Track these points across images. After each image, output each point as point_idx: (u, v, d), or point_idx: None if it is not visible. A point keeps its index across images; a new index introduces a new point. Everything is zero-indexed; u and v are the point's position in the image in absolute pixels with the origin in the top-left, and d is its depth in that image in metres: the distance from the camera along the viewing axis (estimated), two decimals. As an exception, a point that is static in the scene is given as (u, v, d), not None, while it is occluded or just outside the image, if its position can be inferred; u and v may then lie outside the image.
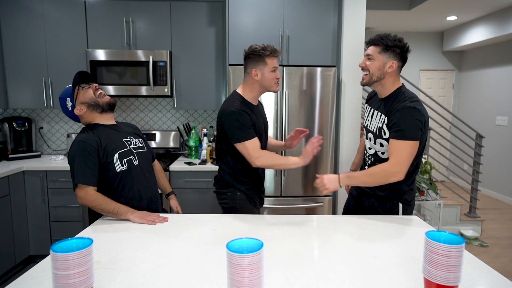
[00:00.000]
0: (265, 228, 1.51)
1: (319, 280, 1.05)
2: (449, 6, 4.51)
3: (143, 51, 3.02)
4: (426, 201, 3.43)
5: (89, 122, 1.71)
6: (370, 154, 1.74)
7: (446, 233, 0.90)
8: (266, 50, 1.74)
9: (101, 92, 1.70)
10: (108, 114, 1.73)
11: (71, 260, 0.79)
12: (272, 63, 1.77)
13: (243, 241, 0.86)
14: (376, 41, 1.60)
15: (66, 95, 1.69)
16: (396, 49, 1.58)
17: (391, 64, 1.58)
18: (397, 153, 1.53)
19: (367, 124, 1.75)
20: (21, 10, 3.00)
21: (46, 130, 3.48)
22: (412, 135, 1.51)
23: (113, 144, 1.65)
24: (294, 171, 2.86)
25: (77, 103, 1.67)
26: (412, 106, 1.52)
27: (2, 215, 2.66)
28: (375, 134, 1.66)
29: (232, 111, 1.73)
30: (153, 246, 1.30)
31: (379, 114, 1.65)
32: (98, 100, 1.67)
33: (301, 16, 2.83)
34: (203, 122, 3.55)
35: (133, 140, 1.76)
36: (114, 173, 1.63)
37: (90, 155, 1.57)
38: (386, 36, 1.59)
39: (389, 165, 1.56)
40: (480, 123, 5.62)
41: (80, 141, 1.59)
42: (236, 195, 1.87)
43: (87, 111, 1.68)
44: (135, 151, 1.73)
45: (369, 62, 1.61)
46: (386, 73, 1.60)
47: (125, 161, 1.66)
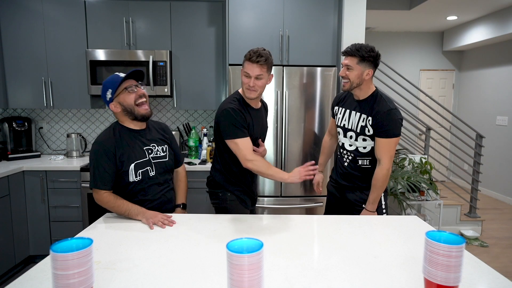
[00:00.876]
0: (265, 228, 1.51)
1: (319, 280, 1.05)
2: (449, 6, 4.51)
3: (143, 51, 3.02)
4: (426, 201, 3.43)
5: (119, 120, 1.69)
6: (350, 150, 1.92)
7: (446, 233, 0.90)
8: (248, 53, 1.72)
9: (142, 101, 1.64)
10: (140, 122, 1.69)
11: (71, 260, 0.79)
12: (246, 67, 1.73)
13: (243, 241, 0.86)
14: (353, 53, 1.77)
15: (109, 85, 1.61)
16: (370, 58, 1.76)
17: (368, 72, 1.78)
18: (385, 150, 1.78)
19: (344, 123, 1.93)
20: (20, 10, 3.00)
21: (46, 130, 3.48)
22: (397, 132, 1.79)
23: (132, 153, 1.63)
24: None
25: (116, 100, 1.62)
26: (393, 108, 1.78)
27: (2, 215, 2.66)
28: (357, 132, 1.85)
29: (228, 108, 1.74)
30: (153, 246, 1.30)
31: (359, 114, 1.85)
32: (135, 109, 1.62)
33: (301, 16, 2.83)
34: (203, 122, 3.55)
35: (156, 148, 1.72)
36: (126, 182, 1.63)
37: (107, 159, 1.58)
38: (361, 48, 1.76)
39: (383, 166, 1.79)
40: (480, 123, 5.62)
41: (100, 143, 1.60)
42: (226, 195, 1.88)
43: (120, 112, 1.64)
44: (153, 161, 1.69)
45: (349, 71, 1.79)
46: (364, 80, 1.79)
47: (140, 172, 1.65)
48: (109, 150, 1.59)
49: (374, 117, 1.78)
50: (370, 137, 1.82)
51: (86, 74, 3.05)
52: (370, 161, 1.87)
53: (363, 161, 1.88)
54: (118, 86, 1.60)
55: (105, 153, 1.58)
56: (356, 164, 1.90)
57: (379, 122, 1.76)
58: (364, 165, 1.89)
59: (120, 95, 1.61)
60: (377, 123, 1.77)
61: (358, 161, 1.89)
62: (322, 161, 2.25)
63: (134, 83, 1.65)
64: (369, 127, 1.81)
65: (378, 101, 1.81)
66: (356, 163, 1.90)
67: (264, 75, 1.73)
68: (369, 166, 1.87)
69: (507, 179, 5.20)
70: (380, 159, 1.80)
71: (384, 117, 1.75)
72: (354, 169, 1.91)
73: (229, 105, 1.75)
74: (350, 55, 1.78)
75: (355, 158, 1.90)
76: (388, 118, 1.75)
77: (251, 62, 1.71)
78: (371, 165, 1.87)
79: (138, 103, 1.63)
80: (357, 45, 1.78)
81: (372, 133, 1.81)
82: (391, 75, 5.08)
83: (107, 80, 1.64)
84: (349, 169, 1.93)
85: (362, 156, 1.88)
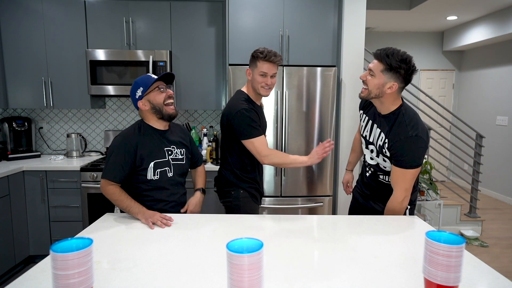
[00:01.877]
0: (265, 228, 1.51)
1: (319, 280, 1.05)
2: (449, 6, 4.51)
3: (143, 51, 3.02)
4: (426, 201, 3.43)
5: (144, 118, 1.74)
6: (371, 164, 1.73)
7: (446, 233, 0.90)
8: (262, 53, 1.79)
9: (170, 101, 1.72)
10: (165, 121, 1.75)
11: (71, 260, 0.79)
12: (262, 67, 1.79)
13: (243, 241, 0.86)
14: (380, 58, 1.51)
15: (141, 83, 1.68)
16: (401, 70, 1.49)
17: (391, 85, 1.51)
18: (400, 181, 1.56)
19: (366, 135, 1.72)
20: (20, 10, 3.00)
21: (46, 130, 3.48)
22: (416, 163, 1.52)
23: (153, 152, 1.68)
24: (294, 171, 2.86)
25: (146, 98, 1.68)
26: (415, 135, 1.49)
27: (2, 215, 2.66)
28: (377, 150, 1.64)
29: (242, 109, 1.77)
30: (153, 246, 1.30)
31: (379, 130, 1.62)
32: (163, 108, 1.69)
33: (301, 16, 2.82)
34: (203, 122, 3.55)
35: (175, 150, 1.77)
36: (144, 179, 1.68)
37: (126, 154, 1.63)
38: (392, 54, 1.48)
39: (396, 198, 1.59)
40: (480, 123, 5.62)
41: (123, 137, 1.66)
42: (239, 193, 1.92)
43: (149, 110, 1.70)
44: (172, 163, 1.74)
45: (370, 77, 1.55)
46: (385, 93, 1.54)
47: (159, 171, 1.69)
48: (130, 146, 1.64)
49: (391, 141, 1.54)
50: (388, 158, 1.60)
51: (86, 74, 3.05)
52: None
53: (385, 177, 1.68)
54: (150, 85, 1.66)
55: (125, 148, 1.63)
56: (377, 179, 1.72)
57: (394, 149, 1.53)
58: (386, 181, 1.69)
59: (150, 93, 1.68)
60: (392, 149, 1.54)
61: (379, 176, 1.71)
62: (352, 159, 2.09)
63: (164, 84, 1.74)
64: (385, 149, 1.58)
65: (399, 122, 1.54)
66: (377, 178, 1.72)
67: (276, 73, 1.85)
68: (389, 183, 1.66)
69: (507, 179, 5.20)
70: (394, 188, 1.61)
71: (400, 144, 1.50)
72: (375, 182, 1.74)
73: (241, 106, 1.78)
74: (378, 59, 1.52)
75: (375, 172, 1.71)
76: (407, 146, 1.50)
77: (270, 62, 1.78)
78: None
79: (167, 103, 1.71)
80: (389, 49, 1.50)
81: (389, 155, 1.58)
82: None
83: (139, 78, 1.71)
84: (370, 181, 1.76)
85: (383, 173, 1.68)
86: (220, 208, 2.09)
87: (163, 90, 1.70)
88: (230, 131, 1.84)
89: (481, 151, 4.09)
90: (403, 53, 1.50)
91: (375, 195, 1.76)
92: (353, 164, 2.11)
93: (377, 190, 1.75)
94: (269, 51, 1.78)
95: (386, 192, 1.68)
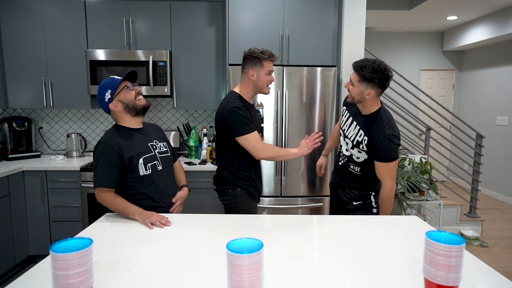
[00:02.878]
0: (265, 228, 1.51)
1: (319, 280, 1.05)
2: (449, 6, 4.51)
3: (143, 51, 3.02)
4: (426, 201, 3.43)
5: (118, 120, 1.74)
6: (346, 155, 1.95)
7: (446, 233, 0.90)
8: (265, 54, 1.87)
9: (141, 97, 1.74)
10: (139, 118, 1.76)
11: (71, 260, 0.79)
12: (269, 67, 1.90)
13: (243, 241, 0.86)
14: (356, 69, 1.73)
15: (108, 87, 1.68)
16: (374, 79, 1.69)
17: (369, 92, 1.73)
18: (386, 173, 1.80)
19: (344, 129, 1.95)
20: (20, 10, 3.00)
21: (45, 130, 3.48)
22: (394, 156, 1.77)
23: (139, 148, 1.70)
24: (294, 171, 2.86)
25: (116, 99, 1.68)
26: (391, 133, 1.74)
27: (2, 215, 2.66)
28: (353, 144, 1.87)
29: (233, 107, 1.82)
30: (153, 246, 1.30)
31: (358, 128, 1.85)
32: (136, 103, 1.70)
33: (301, 16, 2.83)
34: (203, 122, 3.55)
35: (158, 144, 1.80)
36: (137, 176, 1.68)
37: (112, 159, 1.62)
38: (365, 67, 1.69)
39: (386, 188, 1.81)
40: (480, 123, 5.62)
41: (104, 144, 1.65)
42: (236, 191, 1.95)
43: (121, 111, 1.70)
44: (159, 156, 1.77)
45: (351, 87, 1.78)
46: (365, 99, 1.76)
47: (149, 166, 1.71)
48: (114, 150, 1.63)
49: (370, 140, 1.78)
50: (364, 151, 1.84)
51: (86, 74, 3.05)
52: (361, 169, 1.90)
53: (354, 167, 1.92)
54: (117, 86, 1.67)
55: (110, 153, 1.62)
56: (348, 168, 1.96)
57: (374, 147, 1.76)
58: (354, 171, 1.93)
59: (120, 93, 1.68)
60: (372, 146, 1.77)
61: (350, 166, 1.94)
62: (329, 146, 2.31)
63: (130, 83, 1.74)
64: (363, 145, 1.82)
65: (377, 123, 1.77)
66: (348, 167, 1.96)
67: None
68: (359, 174, 1.92)
69: (507, 179, 5.20)
70: (382, 180, 1.83)
71: (380, 142, 1.74)
72: (345, 171, 1.98)
73: (233, 104, 1.83)
74: (354, 70, 1.75)
75: (347, 162, 1.95)
76: (384, 144, 1.74)
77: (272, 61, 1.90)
78: (361, 173, 1.91)
79: (138, 98, 1.72)
80: (363, 62, 1.71)
81: (365, 150, 1.82)
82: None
83: (104, 82, 1.71)
84: (342, 170, 2.00)
85: (354, 164, 1.91)
86: (220, 208, 2.09)
87: (132, 88, 1.71)
88: (224, 130, 1.88)
89: (481, 151, 4.09)
90: (376, 64, 1.69)
91: (345, 182, 1.99)
92: (329, 150, 2.33)
93: (346, 179, 1.98)
94: (268, 50, 1.89)
95: (354, 180, 1.94)
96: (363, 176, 1.91)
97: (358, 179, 1.93)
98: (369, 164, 1.85)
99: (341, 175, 2.01)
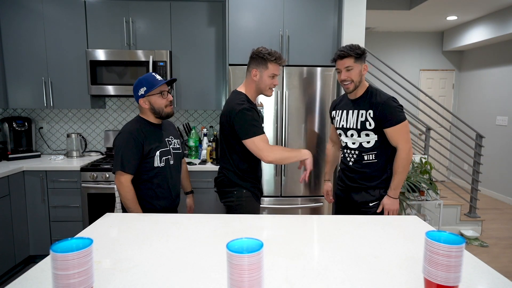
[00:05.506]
0: (265, 228, 1.51)
1: (319, 280, 1.05)
2: (449, 6, 4.51)
3: (143, 51, 3.02)
4: (426, 201, 3.43)
5: (142, 113, 1.87)
6: (353, 148, 1.95)
7: (446, 233, 0.90)
8: (272, 55, 1.84)
9: (170, 105, 1.86)
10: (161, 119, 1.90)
11: (71, 260, 0.79)
12: (273, 70, 1.86)
13: (243, 241, 0.86)
14: (349, 53, 1.83)
15: (145, 83, 1.77)
16: (363, 54, 1.85)
17: (364, 67, 1.88)
18: (399, 136, 1.83)
19: (343, 124, 1.98)
20: (21, 10, 3.00)
21: (46, 130, 3.48)
22: (402, 117, 1.83)
23: (157, 141, 1.84)
24: (294, 171, 2.86)
25: (147, 98, 1.80)
26: (390, 97, 1.84)
27: (2, 215, 2.66)
28: (358, 129, 1.90)
29: (243, 108, 1.78)
30: (153, 246, 1.30)
31: (356, 111, 1.90)
32: (163, 110, 1.83)
33: (301, 16, 2.83)
34: (203, 122, 3.55)
35: (173, 140, 1.95)
36: (151, 167, 1.82)
37: (135, 146, 1.76)
38: (352, 47, 1.84)
39: (402, 151, 1.83)
40: (480, 123, 5.62)
41: (128, 132, 1.78)
42: (242, 192, 1.92)
43: (148, 109, 1.82)
44: (173, 151, 1.91)
45: (349, 72, 1.85)
46: (362, 75, 1.89)
47: (164, 159, 1.85)
48: (137, 139, 1.76)
49: (376, 109, 1.82)
50: (372, 131, 1.86)
51: (86, 74, 3.06)
52: (375, 155, 1.90)
53: (369, 156, 1.91)
54: (154, 88, 1.77)
55: (134, 141, 1.75)
56: (361, 161, 1.93)
57: (381, 113, 1.81)
58: (370, 160, 1.91)
59: (152, 96, 1.80)
60: (380, 114, 1.81)
61: (364, 157, 1.92)
62: (328, 169, 2.30)
63: (167, 88, 1.85)
64: (370, 121, 1.85)
65: (374, 94, 1.87)
66: (361, 160, 1.93)
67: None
68: (375, 161, 1.90)
69: (507, 179, 5.20)
70: (397, 146, 1.84)
71: (384, 107, 1.80)
72: (360, 167, 1.93)
73: (242, 106, 1.79)
74: (346, 56, 1.84)
75: (360, 154, 1.93)
76: (388, 106, 1.80)
77: (278, 64, 1.87)
78: (377, 159, 1.90)
79: (167, 107, 1.85)
80: (346, 46, 1.85)
81: (373, 126, 1.84)
82: (391, 75, 5.08)
83: (144, 77, 1.80)
84: (355, 168, 1.95)
85: (367, 152, 1.91)
86: (219, 208, 2.09)
87: (165, 96, 1.82)
88: (231, 132, 1.84)
89: (481, 151, 4.09)
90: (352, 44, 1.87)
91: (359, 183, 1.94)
92: (329, 174, 2.31)
93: (361, 177, 1.94)
94: (276, 52, 1.86)
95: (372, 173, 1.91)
96: (380, 162, 1.90)
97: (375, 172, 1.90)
98: (381, 143, 1.87)
99: (353, 177, 1.96)
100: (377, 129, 1.85)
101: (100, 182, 2.84)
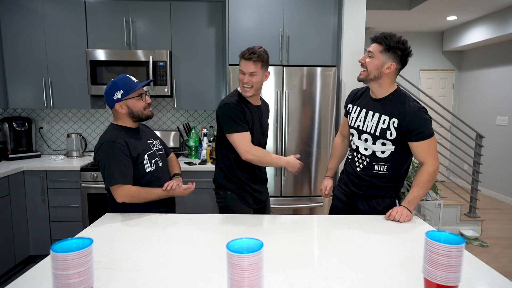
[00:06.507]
0: (265, 228, 1.51)
1: (319, 280, 1.05)
2: (449, 6, 4.51)
3: (143, 51, 3.02)
4: (426, 201, 3.43)
5: (117, 119, 1.73)
6: (365, 155, 1.72)
7: (446, 233, 0.90)
8: (243, 52, 1.76)
9: (149, 108, 1.75)
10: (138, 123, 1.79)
11: (71, 260, 0.79)
12: (241, 65, 1.77)
13: (243, 241, 0.86)
14: (379, 40, 1.61)
15: (122, 86, 1.65)
16: (398, 51, 1.59)
17: (390, 65, 1.60)
18: (428, 152, 1.62)
19: (359, 124, 1.73)
20: (21, 10, 3.00)
21: (46, 130, 3.48)
22: (432, 131, 1.62)
23: (142, 145, 1.73)
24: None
25: (125, 102, 1.67)
26: (421, 107, 1.62)
27: (2, 215, 2.66)
28: (375, 136, 1.66)
29: (226, 103, 1.78)
30: (153, 246, 1.30)
31: (378, 115, 1.66)
32: (143, 113, 1.72)
33: (301, 16, 2.83)
34: (203, 122, 3.55)
35: (154, 142, 1.84)
36: (143, 173, 1.70)
37: (123, 154, 1.62)
38: (390, 36, 1.60)
39: (431, 166, 1.62)
40: (480, 123, 5.62)
41: (110, 141, 1.62)
42: (226, 194, 1.89)
43: (125, 113, 1.70)
44: (158, 153, 1.81)
45: (369, 59, 1.63)
46: (383, 74, 1.62)
47: (153, 162, 1.75)
48: (123, 146, 1.63)
49: (403, 119, 1.59)
50: (391, 141, 1.64)
51: (86, 74, 3.05)
52: (388, 167, 1.68)
53: (380, 166, 1.69)
54: (130, 90, 1.66)
55: (120, 150, 1.62)
56: (371, 170, 1.71)
57: (410, 125, 1.58)
58: (380, 171, 1.69)
59: (130, 99, 1.68)
60: (407, 125, 1.59)
61: (374, 167, 1.70)
62: (332, 165, 2.05)
63: (144, 90, 1.75)
64: (392, 130, 1.62)
65: (402, 100, 1.62)
66: (371, 169, 1.71)
67: (258, 72, 1.76)
68: (386, 173, 1.69)
69: (507, 179, 5.20)
70: (424, 162, 1.63)
71: (415, 118, 1.58)
72: (368, 175, 1.72)
73: (228, 100, 1.79)
74: (376, 41, 1.62)
75: (371, 163, 1.70)
76: (419, 118, 1.58)
77: (245, 59, 1.75)
78: (388, 171, 1.68)
79: (146, 109, 1.74)
80: (387, 33, 1.61)
81: (394, 137, 1.62)
82: (391, 75, 5.07)
83: (118, 79, 1.68)
84: (362, 175, 1.73)
85: (379, 162, 1.69)
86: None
87: (144, 99, 1.72)
88: (219, 126, 1.84)
89: (481, 151, 4.09)
90: (400, 36, 1.62)
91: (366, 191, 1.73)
92: (333, 170, 2.06)
93: (368, 185, 1.73)
94: (249, 48, 1.75)
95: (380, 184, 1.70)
96: (390, 177, 1.69)
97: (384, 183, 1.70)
98: (397, 157, 1.66)
99: (359, 184, 1.75)
100: (396, 141, 1.63)
101: (100, 182, 2.84)
